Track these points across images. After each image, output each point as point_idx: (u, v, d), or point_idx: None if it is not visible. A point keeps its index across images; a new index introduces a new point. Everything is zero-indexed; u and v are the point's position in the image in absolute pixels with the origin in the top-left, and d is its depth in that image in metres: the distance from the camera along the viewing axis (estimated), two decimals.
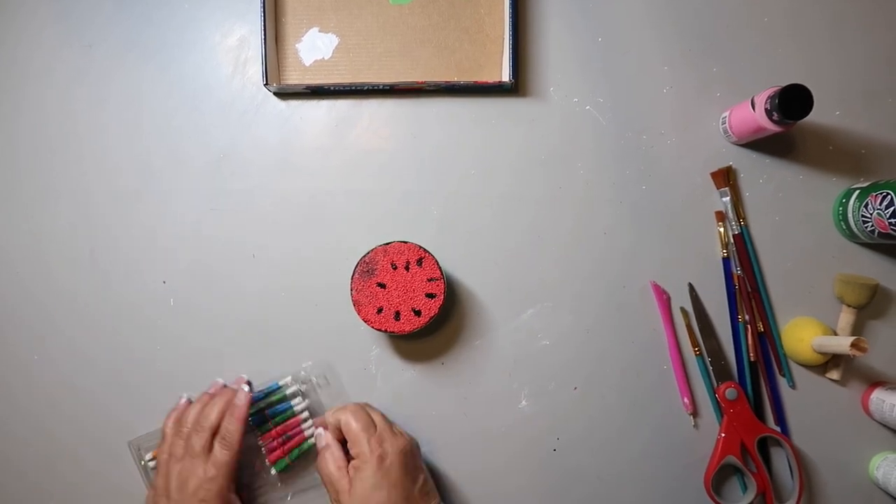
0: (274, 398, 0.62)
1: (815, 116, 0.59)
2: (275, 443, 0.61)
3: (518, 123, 0.65)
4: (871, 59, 0.63)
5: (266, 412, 0.61)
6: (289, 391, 0.62)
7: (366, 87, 0.65)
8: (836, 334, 0.61)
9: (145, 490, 0.62)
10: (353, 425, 0.56)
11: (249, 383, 0.62)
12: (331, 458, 0.56)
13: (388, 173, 0.66)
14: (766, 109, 0.56)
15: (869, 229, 0.58)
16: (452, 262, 0.65)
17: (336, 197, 0.66)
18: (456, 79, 0.65)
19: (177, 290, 0.67)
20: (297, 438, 0.61)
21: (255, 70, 0.67)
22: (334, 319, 0.65)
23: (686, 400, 0.63)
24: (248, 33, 0.68)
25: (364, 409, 0.58)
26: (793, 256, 0.63)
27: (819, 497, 0.62)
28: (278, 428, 0.61)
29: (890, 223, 0.55)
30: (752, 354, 0.62)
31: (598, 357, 0.64)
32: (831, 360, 0.61)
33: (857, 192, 0.59)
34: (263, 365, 0.66)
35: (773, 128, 0.57)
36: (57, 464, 0.67)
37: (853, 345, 0.53)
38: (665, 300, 0.63)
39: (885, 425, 0.62)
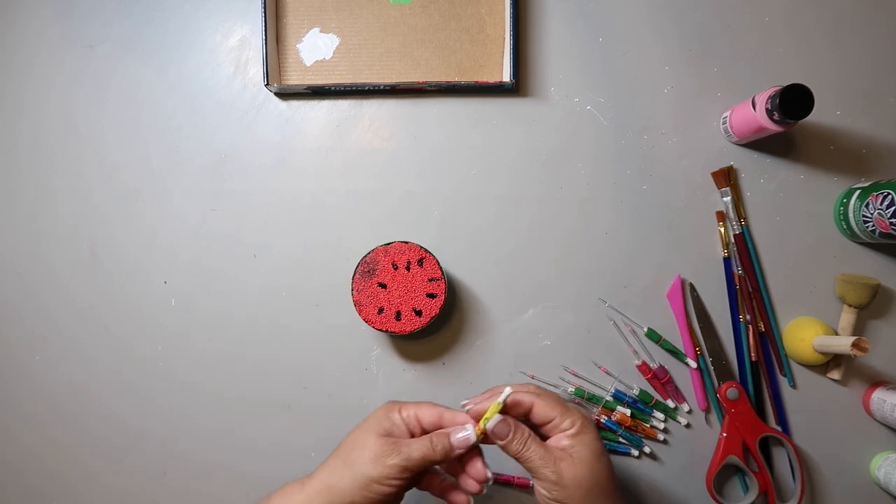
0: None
1: (815, 116, 0.59)
2: None
3: (519, 123, 0.65)
4: (871, 59, 0.63)
5: None
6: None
7: (366, 88, 0.65)
8: (837, 334, 0.61)
9: None
10: (546, 398, 0.48)
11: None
12: (532, 437, 0.48)
13: (388, 173, 0.66)
14: (766, 109, 0.56)
15: (870, 229, 0.58)
16: (453, 262, 0.65)
17: (337, 197, 0.66)
18: (456, 79, 0.65)
19: (178, 290, 0.67)
20: None
21: (256, 70, 0.67)
22: (335, 319, 0.65)
23: (694, 399, 0.63)
24: (248, 33, 0.68)
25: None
26: (794, 256, 0.63)
27: (820, 497, 0.62)
28: None
29: (891, 223, 0.55)
30: (753, 354, 0.62)
31: (599, 357, 0.64)
32: (832, 360, 0.61)
33: (858, 191, 0.59)
34: (264, 366, 0.66)
35: (773, 127, 0.57)
36: (57, 464, 0.67)
37: (854, 345, 0.53)
38: (682, 297, 0.63)
39: (886, 425, 0.62)
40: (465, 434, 0.48)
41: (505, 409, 0.49)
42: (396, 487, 0.47)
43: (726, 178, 0.63)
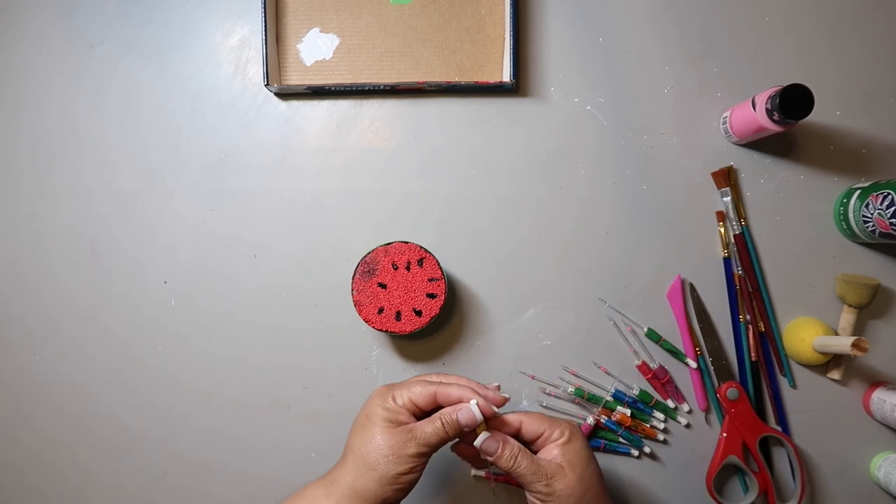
0: None
1: (815, 116, 0.60)
2: None
3: (519, 123, 0.65)
4: (871, 59, 0.63)
5: None
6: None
7: (366, 88, 0.65)
8: (837, 334, 0.61)
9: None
10: (531, 416, 0.51)
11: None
12: (522, 452, 0.49)
13: (388, 173, 0.66)
14: (766, 109, 0.56)
15: (870, 229, 0.58)
16: (453, 262, 0.65)
17: (337, 197, 0.66)
18: (456, 79, 0.65)
19: (178, 290, 0.67)
20: None
21: (256, 70, 0.67)
22: (335, 319, 0.65)
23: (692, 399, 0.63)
24: (248, 33, 0.68)
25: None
26: (794, 256, 0.63)
27: (820, 497, 0.62)
28: None
29: (891, 223, 0.55)
30: (753, 354, 0.62)
31: (599, 357, 0.64)
32: (832, 360, 0.61)
33: (858, 191, 0.59)
34: (264, 366, 0.66)
35: (773, 127, 0.57)
36: (57, 464, 0.67)
37: (854, 345, 0.53)
38: (682, 297, 0.63)
39: (886, 425, 0.62)
40: (472, 413, 0.49)
41: (494, 426, 0.51)
42: (420, 471, 0.49)
43: (726, 178, 0.63)
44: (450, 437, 0.49)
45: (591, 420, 0.62)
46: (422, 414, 0.51)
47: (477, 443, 0.50)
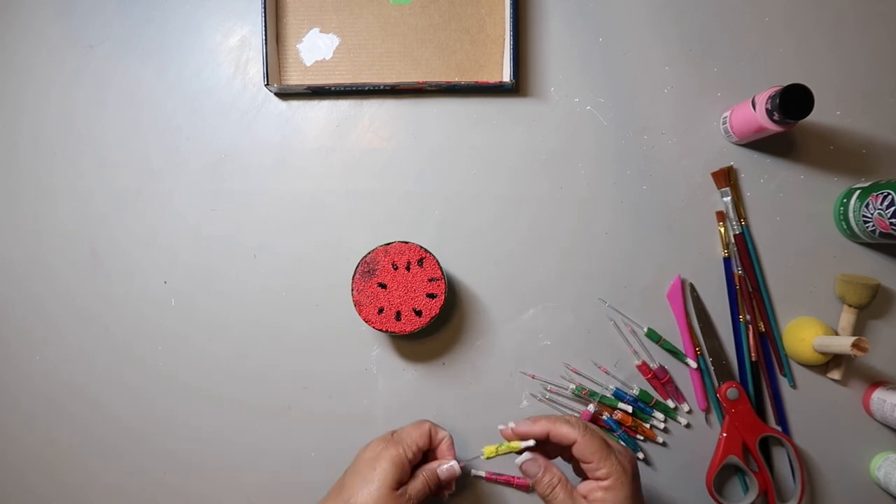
0: None
1: (815, 116, 0.59)
2: None
3: (519, 123, 0.65)
4: (871, 59, 0.63)
5: None
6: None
7: (366, 88, 0.65)
8: (837, 334, 0.61)
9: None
10: (593, 438, 0.49)
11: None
12: (561, 484, 0.50)
13: (388, 173, 0.66)
14: (766, 109, 0.56)
15: (870, 229, 0.58)
16: (453, 262, 0.65)
17: (337, 197, 0.66)
18: (456, 79, 0.65)
19: (178, 290, 0.67)
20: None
21: (256, 70, 0.67)
22: (335, 320, 0.65)
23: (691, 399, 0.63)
24: (248, 34, 0.68)
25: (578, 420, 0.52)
26: (794, 256, 0.63)
27: (820, 497, 0.62)
28: None
29: (891, 223, 0.55)
30: (753, 354, 0.62)
31: (599, 357, 0.64)
32: (832, 360, 0.61)
33: (858, 191, 0.59)
34: (264, 366, 0.66)
35: (773, 128, 0.57)
36: (57, 464, 0.67)
37: (854, 345, 0.53)
38: (682, 297, 0.63)
39: (886, 425, 0.62)
40: (449, 467, 0.57)
41: (548, 440, 0.51)
42: None
43: (726, 178, 0.63)
44: (431, 491, 0.55)
45: (591, 408, 0.62)
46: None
47: (518, 461, 0.51)
